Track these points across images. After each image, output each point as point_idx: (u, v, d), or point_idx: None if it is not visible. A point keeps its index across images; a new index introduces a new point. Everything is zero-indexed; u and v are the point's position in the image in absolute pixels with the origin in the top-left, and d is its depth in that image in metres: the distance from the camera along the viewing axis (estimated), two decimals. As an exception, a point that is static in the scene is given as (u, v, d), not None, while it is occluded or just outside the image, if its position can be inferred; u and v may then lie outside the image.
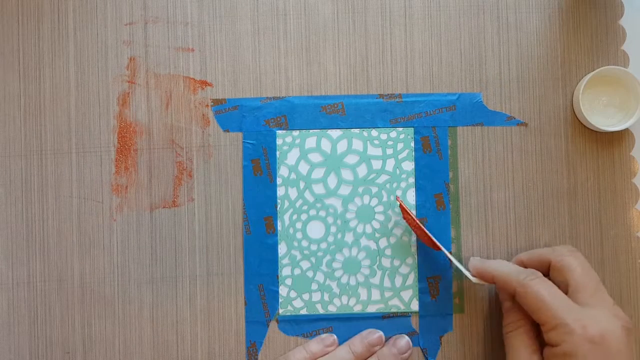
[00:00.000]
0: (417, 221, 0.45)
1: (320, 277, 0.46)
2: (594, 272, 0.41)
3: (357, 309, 0.46)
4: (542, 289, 0.39)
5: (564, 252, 0.42)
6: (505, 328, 0.42)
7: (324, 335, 0.45)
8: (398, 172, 0.47)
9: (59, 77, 0.47)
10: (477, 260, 0.44)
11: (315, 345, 0.45)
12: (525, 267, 0.43)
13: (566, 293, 0.40)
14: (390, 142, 0.47)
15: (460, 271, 0.44)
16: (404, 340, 0.45)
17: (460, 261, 0.46)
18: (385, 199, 0.46)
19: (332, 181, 0.47)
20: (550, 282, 0.40)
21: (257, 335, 0.46)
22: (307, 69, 0.47)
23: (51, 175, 0.46)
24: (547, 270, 0.42)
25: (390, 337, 0.45)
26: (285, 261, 0.46)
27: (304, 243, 0.46)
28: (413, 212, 0.46)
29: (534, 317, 0.39)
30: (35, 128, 0.46)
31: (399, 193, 0.46)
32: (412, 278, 0.46)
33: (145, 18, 0.47)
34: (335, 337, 0.45)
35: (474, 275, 0.43)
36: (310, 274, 0.46)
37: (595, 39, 0.47)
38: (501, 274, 0.42)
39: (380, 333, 0.45)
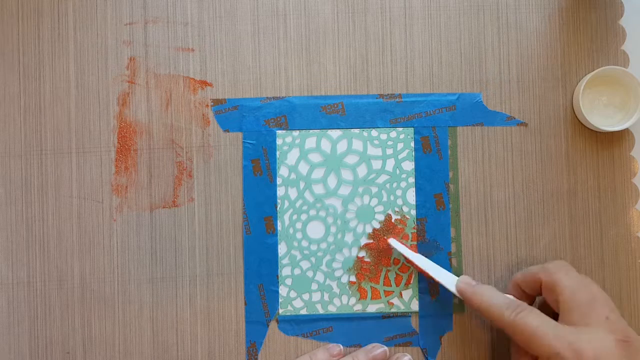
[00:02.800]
0: (409, 258, 0.45)
1: (320, 277, 0.46)
2: (586, 287, 0.40)
3: (357, 309, 0.46)
4: (530, 322, 0.39)
5: (553, 270, 0.41)
6: (512, 357, 0.42)
7: (330, 345, 0.45)
8: (398, 172, 0.47)
9: (59, 77, 0.47)
10: (465, 283, 0.43)
11: (321, 354, 0.44)
12: (520, 287, 0.43)
13: (559, 312, 0.40)
14: (390, 142, 0.47)
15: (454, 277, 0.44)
16: (406, 358, 0.44)
17: (460, 261, 0.46)
18: (385, 199, 0.46)
19: (332, 181, 0.47)
20: (537, 312, 0.39)
21: (257, 335, 0.46)
22: (307, 69, 0.47)
23: (51, 175, 0.46)
24: (541, 290, 0.42)
25: (394, 354, 0.45)
26: (285, 261, 0.46)
27: (304, 243, 0.46)
28: (406, 246, 0.46)
29: (528, 350, 0.39)
30: (35, 128, 0.46)
31: (399, 193, 0.46)
32: (412, 278, 0.46)
33: (145, 18, 0.47)
34: (341, 347, 0.45)
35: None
36: (310, 274, 0.46)
37: (595, 39, 0.47)
38: (487, 308, 0.41)
39: (385, 349, 0.45)
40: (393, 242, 0.46)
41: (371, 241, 0.46)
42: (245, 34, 0.47)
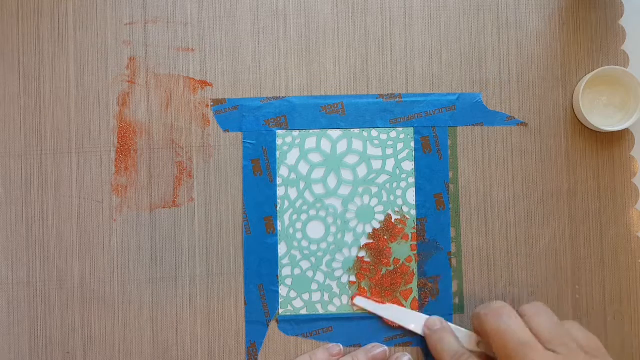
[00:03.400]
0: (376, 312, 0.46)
1: (320, 277, 0.46)
2: (516, 333, 0.38)
3: (357, 309, 0.46)
4: None
5: (485, 318, 0.40)
6: None
7: (330, 345, 0.45)
8: (398, 172, 0.47)
9: (59, 77, 0.47)
10: (428, 327, 0.44)
11: (321, 354, 0.44)
12: (475, 324, 0.42)
13: None
14: (390, 142, 0.47)
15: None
16: (406, 358, 0.44)
17: (460, 261, 0.46)
18: (385, 199, 0.46)
19: (332, 181, 0.47)
20: None
21: (257, 335, 0.46)
22: (307, 69, 0.47)
23: (51, 175, 0.46)
24: None
25: (394, 354, 0.45)
26: (285, 261, 0.46)
27: (304, 243, 0.46)
28: (372, 300, 0.46)
29: None
30: (35, 128, 0.46)
31: (399, 193, 0.46)
32: (412, 278, 0.46)
33: (145, 18, 0.47)
34: (341, 347, 0.45)
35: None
36: (310, 274, 0.46)
37: (595, 39, 0.47)
38: (438, 356, 0.43)
39: (385, 348, 0.45)
40: (359, 300, 0.46)
41: (371, 241, 0.46)
42: (245, 34, 0.47)
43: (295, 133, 0.47)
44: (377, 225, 0.46)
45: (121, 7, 0.47)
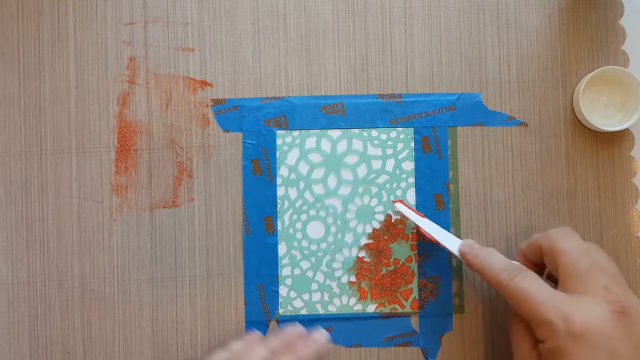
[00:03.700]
0: (416, 221, 0.45)
1: (320, 277, 0.46)
2: (587, 254, 0.39)
3: (357, 309, 0.46)
4: (524, 286, 0.38)
5: (554, 237, 0.40)
6: (510, 322, 0.42)
7: (247, 334, 0.44)
8: (398, 172, 0.47)
9: (59, 77, 0.47)
10: (467, 246, 0.42)
11: (237, 344, 0.43)
12: (525, 256, 0.42)
13: (559, 280, 0.39)
14: (390, 142, 0.47)
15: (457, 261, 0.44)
16: (321, 333, 0.44)
17: (460, 261, 0.46)
18: (385, 199, 0.46)
19: (332, 181, 0.47)
20: (533, 277, 0.39)
21: (257, 335, 0.46)
22: (307, 69, 0.47)
23: (51, 175, 0.46)
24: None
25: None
26: (285, 261, 0.46)
27: (304, 243, 0.46)
28: (412, 210, 0.46)
29: (522, 315, 0.39)
30: (35, 128, 0.46)
31: (399, 193, 0.46)
32: (412, 278, 0.46)
33: (145, 18, 0.47)
34: (260, 333, 0.45)
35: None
36: (310, 274, 0.46)
37: (595, 39, 0.47)
38: (484, 270, 0.40)
39: (300, 327, 0.44)
40: (399, 206, 0.45)
41: (371, 241, 0.46)
42: (245, 34, 0.47)
43: (295, 133, 0.47)
44: (377, 225, 0.46)
45: (121, 7, 0.47)
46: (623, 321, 0.36)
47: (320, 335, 0.44)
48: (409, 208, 0.46)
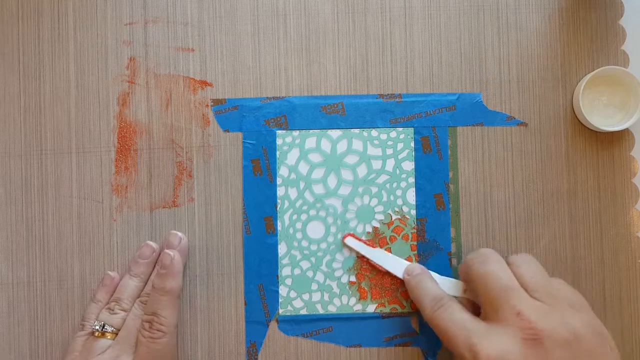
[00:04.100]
0: (367, 255, 0.46)
1: (320, 277, 0.46)
2: (498, 279, 0.38)
3: (357, 309, 0.46)
4: (444, 318, 0.38)
5: (470, 263, 0.40)
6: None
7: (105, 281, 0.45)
8: (398, 172, 0.47)
9: (59, 77, 0.47)
10: (408, 273, 0.44)
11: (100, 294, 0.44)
12: (462, 271, 0.42)
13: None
14: (390, 142, 0.47)
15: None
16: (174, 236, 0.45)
17: (460, 261, 0.46)
18: (385, 199, 0.46)
19: (332, 181, 0.47)
20: (455, 307, 0.39)
21: (257, 335, 0.46)
22: (307, 69, 0.47)
23: (51, 175, 0.46)
24: None
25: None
26: (285, 261, 0.46)
27: (304, 243, 0.46)
28: (361, 244, 0.46)
29: (446, 347, 0.39)
30: (35, 128, 0.46)
31: (399, 193, 0.46)
32: (412, 278, 0.46)
33: (145, 18, 0.47)
34: (113, 275, 0.45)
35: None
36: (310, 274, 0.46)
37: (595, 39, 0.47)
38: (417, 301, 0.42)
39: (152, 245, 0.45)
40: (349, 241, 0.46)
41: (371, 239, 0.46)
42: (245, 34, 0.47)
43: (295, 133, 0.47)
44: (377, 225, 0.46)
45: (121, 7, 0.47)
46: (535, 349, 0.35)
47: (173, 239, 0.44)
48: (359, 240, 0.46)
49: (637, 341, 0.46)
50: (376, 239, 0.46)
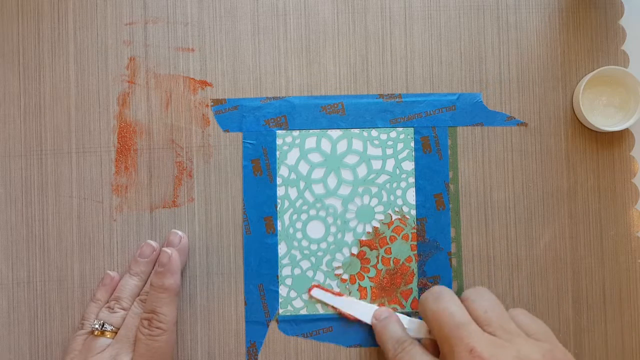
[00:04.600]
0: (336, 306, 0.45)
1: (320, 276, 0.46)
2: (449, 317, 0.37)
3: (357, 309, 0.46)
4: None
5: (423, 303, 0.40)
6: None
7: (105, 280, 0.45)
8: (398, 172, 0.47)
9: (59, 77, 0.47)
10: (375, 318, 0.44)
11: (101, 293, 0.45)
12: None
13: None
14: (390, 142, 0.47)
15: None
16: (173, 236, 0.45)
17: (460, 261, 0.46)
18: (385, 199, 0.46)
19: (332, 181, 0.47)
20: (417, 351, 0.39)
21: (257, 335, 0.46)
22: (307, 69, 0.47)
23: (51, 175, 0.46)
24: None
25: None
26: (285, 261, 0.46)
27: (304, 243, 0.46)
28: (330, 292, 0.46)
29: None
30: (35, 128, 0.46)
31: (399, 193, 0.46)
32: (412, 278, 0.46)
33: (145, 18, 0.47)
34: (113, 275, 0.45)
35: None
36: (310, 274, 0.46)
37: (595, 39, 0.47)
38: (382, 345, 0.42)
39: (152, 244, 0.45)
40: (316, 292, 0.46)
41: (370, 239, 0.46)
42: (245, 34, 0.47)
43: (295, 133, 0.47)
44: (377, 225, 0.46)
45: (121, 7, 0.47)
46: None
47: (174, 238, 0.45)
48: (326, 291, 0.46)
49: (637, 341, 0.46)
50: (376, 238, 0.46)
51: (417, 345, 0.40)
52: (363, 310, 0.45)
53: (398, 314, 0.44)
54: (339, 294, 0.45)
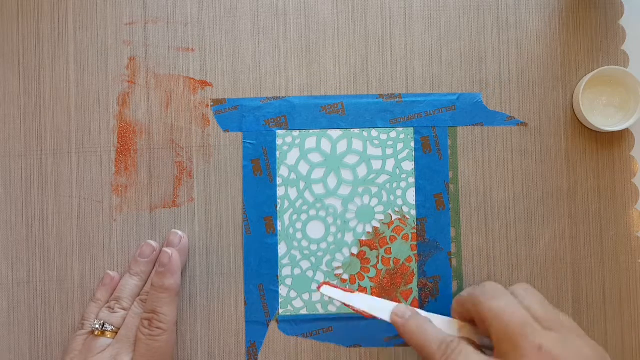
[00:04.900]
0: (349, 303, 0.43)
1: (320, 277, 0.46)
2: (514, 314, 0.36)
3: (357, 309, 0.46)
4: None
5: (480, 298, 0.38)
6: None
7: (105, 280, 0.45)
8: (398, 172, 0.47)
9: (59, 77, 0.47)
10: (397, 315, 0.41)
11: (101, 293, 0.45)
12: (461, 314, 0.41)
13: (493, 345, 0.37)
14: (390, 142, 0.47)
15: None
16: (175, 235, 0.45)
17: (460, 261, 0.46)
18: (385, 199, 0.46)
19: (332, 181, 0.47)
20: (468, 350, 0.37)
21: (257, 335, 0.46)
22: (307, 69, 0.47)
23: (51, 175, 0.46)
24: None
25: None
26: (285, 261, 0.46)
27: (304, 243, 0.46)
28: (340, 289, 0.43)
29: None
30: (35, 128, 0.46)
31: (399, 193, 0.46)
32: (412, 278, 0.46)
33: (145, 18, 0.47)
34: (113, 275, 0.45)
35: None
36: (310, 274, 0.46)
37: (595, 39, 0.47)
38: (420, 346, 0.38)
39: (152, 244, 0.45)
40: (325, 289, 0.43)
41: (370, 239, 0.46)
42: (245, 34, 0.47)
43: (295, 133, 0.47)
44: (377, 225, 0.46)
45: (121, 7, 0.47)
46: None
47: (174, 238, 0.45)
48: (336, 287, 0.43)
49: (637, 341, 0.46)
50: (376, 239, 0.46)
51: (466, 344, 0.37)
52: (379, 306, 0.42)
53: (420, 311, 0.42)
54: (351, 291, 0.43)
